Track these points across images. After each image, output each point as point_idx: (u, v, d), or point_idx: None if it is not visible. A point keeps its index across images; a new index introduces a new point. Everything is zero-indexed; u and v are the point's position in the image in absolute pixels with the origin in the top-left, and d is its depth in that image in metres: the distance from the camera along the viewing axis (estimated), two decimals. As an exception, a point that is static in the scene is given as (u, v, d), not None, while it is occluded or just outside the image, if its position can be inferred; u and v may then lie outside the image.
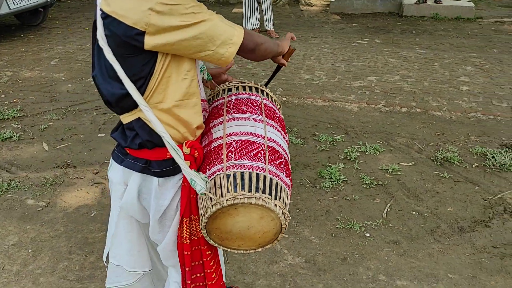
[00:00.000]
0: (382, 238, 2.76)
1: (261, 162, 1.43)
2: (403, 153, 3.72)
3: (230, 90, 1.72)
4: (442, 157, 3.60)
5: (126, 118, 1.43)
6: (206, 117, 1.63)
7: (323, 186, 3.26)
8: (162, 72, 1.33)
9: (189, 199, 1.48)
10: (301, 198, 3.14)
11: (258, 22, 7.03)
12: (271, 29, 6.98)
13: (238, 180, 1.36)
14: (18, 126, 4.17)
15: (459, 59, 5.93)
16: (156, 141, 1.41)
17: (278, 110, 1.74)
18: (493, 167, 3.46)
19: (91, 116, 4.39)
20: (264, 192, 1.36)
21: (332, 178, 3.33)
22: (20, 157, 3.66)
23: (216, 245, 1.49)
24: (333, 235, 2.79)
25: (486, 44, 6.60)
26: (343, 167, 3.48)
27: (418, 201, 3.10)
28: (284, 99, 4.74)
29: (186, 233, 1.50)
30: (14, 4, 6.43)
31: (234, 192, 1.34)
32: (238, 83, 1.75)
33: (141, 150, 1.43)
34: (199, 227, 1.50)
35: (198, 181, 1.37)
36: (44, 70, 5.64)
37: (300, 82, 5.17)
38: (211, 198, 1.36)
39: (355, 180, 3.34)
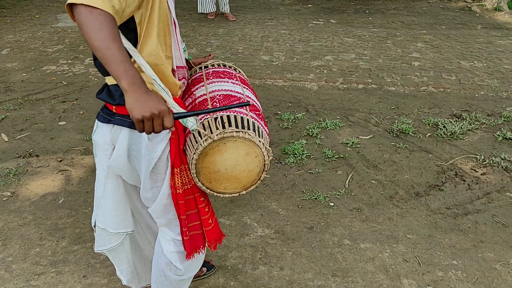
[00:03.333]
0: (345, 207, 2.91)
1: (243, 109, 1.58)
2: (361, 127, 3.88)
3: (206, 67, 1.85)
4: (397, 129, 3.79)
5: (112, 80, 1.46)
6: (186, 86, 1.71)
7: (288, 161, 3.37)
8: (144, 23, 1.37)
9: (178, 150, 1.55)
10: (267, 173, 3.25)
11: (214, 5, 7.02)
12: (228, 12, 7.00)
13: (225, 120, 1.50)
14: (-27, 118, 4.05)
15: (410, 36, 6.18)
16: None
17: (249, 84, 1.87)
18: (444, 136, 3.69)
19: (50, 105, 4.31)
20: (249, 129, 1.50)
21: (296, 154, 3.45)
22: (-21, 149, 3.57)
23: (204, 187, 1.58)
24: (300, 206, 2.92)
25: (435, 21, 6.88)
26: (305, 143, 3.61)
27: (377, 171, 3.27)
28: (244, 80, 4.82)
29: (178, 183, 1.58)
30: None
31: (222, 129, 1.47)
32: (214, 61, 1.89)
33: None
34: (190, 175, 1.58)
35: (190, 118, 1.40)
36: (-5, 60, 5.45)
37: (260, 64, 5.25)
38: (201, 134, 1.47)
39: (317, 155, 3.48)
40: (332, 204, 2.94)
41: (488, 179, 3.15)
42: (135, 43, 1.39)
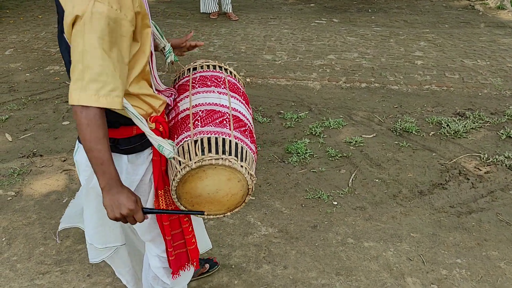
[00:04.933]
0: (349, 205, 2.91)
1: (227, 128, 1.50)
2: (364, 126, 3.88)
3: (195, 69, 1.78)
4: (400, 127, 3.78)
5: None
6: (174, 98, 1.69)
7: (291, 160, 3.37)
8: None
9: (161, 172, 1.54)
10: (270, 173, 3.25)
11: (216, 5, 7.02)
12: (230, 11, 6.99)
13: (206, 144, 1.43)
14: (-23, 118, 4.07)
15: (413, 35, 6.16)
16: (121, 121, 1.45)
17: (241, 86, 1.81)
18: (447, 134, 3.68)
19: (53, 105, 4.32)
20: (230, 155, 1.43)
21: (299, 153, 3.45)
22: (-17, 149, 3.59)
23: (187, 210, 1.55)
24: (303, 205, 2.92)
25: (438, 20, 6.87)
26: (308, 142, 3.61)
27: (380, 170, 3.27)
28: (248, 80, 4.82)
29: (162, 205, 1.57)
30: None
31: (201, 155, 1.41)
32: (203, 62, 1.81)
33: (109, 129, 1.46)
34: None
35: (166, 146, 1.40)
36: (-1, 60, 5.47)
37: (263, 63, 5.25)
38: (180, 162, 1.42)
39: (320, 154, 3.47)
40: (336, 203, 2.94)
41: (492, 178, 3.15)
42: None
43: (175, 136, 1.53)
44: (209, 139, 1.45)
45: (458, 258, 2.48)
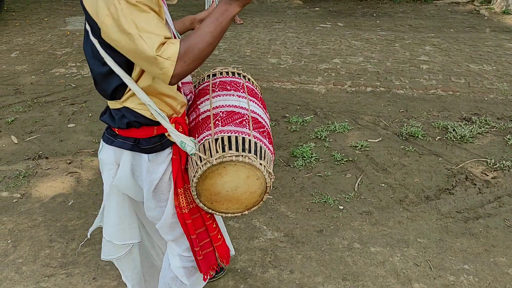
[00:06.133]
0: (355, 210, 2.90)
1: (246, 128, 1.54)
2: (370, 130, 3.87)
3: (214, 75, 1.83)
4: (406, 132, 3.77)
5: (113, 105, 1.49)
6: (193, 98, 1.71)
7: (296, 164, 3.36)
8: None
9: (180, 170, 1.55)
10: (276, 177, 3.24)
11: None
12: (235, 15, 7.00)
13: (226, 142, 1.47)
14: (-17, 120, 4.08)
15: (418, 39, 6.16)
16: (142, 121, 1.47)
17: (259, 92, 1.86)
18: (454, 139, 3.66)
19: (59, 107, 4.33)
20: (250, 152, 1.47)
21: (304, 157, 3.44)
22: (-11, 151, 3.59)
23: (206, 208, 1.57)
24: (309, 209, 2.91)
25: (443, 24, 6.86)
26: (314, 146, 3.60)
27: (386, 174, 3.26)
28: (252, 83, 4.81)
29: (183, 203, 1.58)
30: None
31: (222, 152, 1.44)
32: (222, 69, 1.86)
33: (130, 129, 1.50)
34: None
35: (188, 142, 1.43)
36: (4, 63, 5.49)
37: (268, 67, 5.25)
38: (201, 158, 1.45)
39: (326, 158, 3.46)
40: (342, 207, 2.92)
41: (499, 183, 3.13)
42: (130, 65, 1.38)
43: (196, 135, 1.57)
44: (229, 138, 1.49)
45: (465, 264, 2.46)
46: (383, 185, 3.14)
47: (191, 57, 1.27)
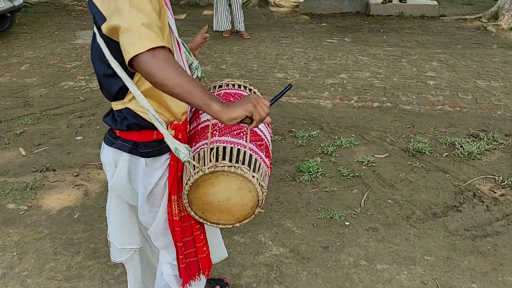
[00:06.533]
0: (361, 226, 2.88)
1: (243, 140, 1.55)
2: (377, 145, 3.86)
3: (220, 86, 1.85)
4: (413, 148, 3.76)
5: (116, 106, 1.52)
6: None
7: (303, 179, 3.36)
8: None
9: (176, 177, 1.56)
10: (282, 191, 3.23)
11: (229, 23, 7.10)
12: (242, 30, 7.07)
13: (220, 152, 1.48)
14: (-8, 132, 4.12)
15: (425, 55, 6.17)
16: (142, 124, 1.50)
17: None
18: (461, 155, 3.64)
19: (67, 120, 4.36)
20: (243, 164, 1.47)
21: (310, 172, 3.43)
22: (-3, 163, 3.62)
23: (197, 217, 1.57)
24: (315, 225, 2.89)
25: (450, 40, 6.87)
26: (320, 161, 3.59)
27: (393, 190, 3.24)
28: (259, 97, 4.83)
29: (175, 210, 1.59)
30: (-20, 9, 6.31)
31: (215, 161, 1.45)
32: (228, 81, 1.88)
33: (130, 132, 1.52)
34: None
35: (182, 149, 1.44)
36: (14, 75, 5.55)
37: (274, 81, 5.28)
38: (194, 166, 1.46)
39: (332, 173, 3.45)
40: (348, 223, 2.90)
41: (507, 201, 3.10)
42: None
43: (193, 144, 1.59)
44: (224, 148, 1.50)
45: (473, 283, 2.43)
46: (390, 201, 3.12)
47: (159, 65, 1.18)
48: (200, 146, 1.54)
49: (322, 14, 8.73)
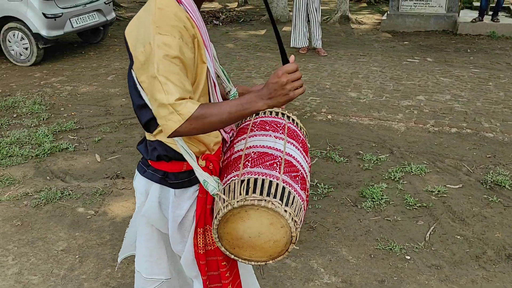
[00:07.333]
0: (423, 262, 2.68)
1: (276, 171, 1.47)
2: (450, 175, 3.60)
3: (257, 114, 1.79)
4: (492, 180, 3.45)
5: (148, 136, 1.55)
6: (235, 135, 1.70)
7: (364, 205, 3.21)
8: None
9: (204, 210, 1.53)
10: (341, 217, 3.11)
11: (307, 40, 7.07)
12: (319, 47, 7.01)
13: (251, 185, 1.41)
14: (74, 137, 4.42)
15: (516, 78, 5.69)
16: (171, 155, 1.50)
17: (302, 134, 1.77)
18: (548, 192, 3.29)
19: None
20: (275, 197, 1.39)
21: (374, 198, 3.28)
22: (74, 167, 3.87)
23: (228, 253, 1.51)
24: (372, 256, 2.74)
25: (547, 63, 6.29)
26: (386, 187, 3.42)
27: (463, 225, 2.99)
28: (329, 117, 4.74)
29: (200, 243, 1.56)
30: (77, 23, 6.86)
31: (245, 195, 1.39)
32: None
33: (160, 162, 1.53)
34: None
35: (211, 182, 1.43)
36: (101, 85, 5.95)
37: (347, 100, 5.15)
38: (223, 200, 1.41)
39: (398, 201, 3.27)
40: (409, 257, 2.72)
41: None
42: None
43: (225, 175, 1.54)
44: (255, 180, 1.43)
45: None
46: (459, 237, 2.88)
47: (200, 124, 1.28)
48: (231, 178, 1.48)
49: (405, 32, 8.42)
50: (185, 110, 1.25)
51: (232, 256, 1.52)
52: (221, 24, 9.47)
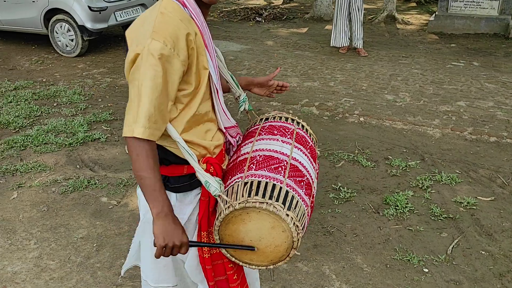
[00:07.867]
0: (442, 276, 2.56)
1: (280, 175, 1.45)
2: (483, 186, 3.42)
3: (267, 119, 1.78)
4: (528, 194, 3.25)
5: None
6: (242, 139, 1.68)
7: (387, 213, 3.11)
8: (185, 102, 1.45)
9: (206, 213, 1.51)
10: (360, 223, 3.03)
11: (347, 39, 6.92)
12: (360, 47, 6.84)
13: (254, 187, 1.40)
14: (107, 128, 4.54)
15: None
16: (171, 159, 1.49)
17: (310, 141, 1.74)
18: None
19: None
20: (277, 201, 1.37)
21: (397, 206, 3.16)
22: (103, 157, 3.98)
23: (229, 255, 1.50)
24: (388, 266, 2.65)
25: None
26: (412, 195, 3.30)
27: (490, 240, 2.83)
28: (361, 119, 4.62)
29: (205, 247, 1.53)
30: (121, 17, 7.04)
31: (247, 197, 1.37)
32: (276, 113, 1.80)
33: (160, 166, 1.50)
34: None
35: (213, 183, 1.42)
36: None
37: (382, 103, 5.00)
38: (225, 201, 1.41)
39: (422, 211, 3.14)
40: (427, 270, 2.61)
41: None
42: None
43: (229, 177, 1.53)
44: (259, 183, 1.42)
45: None
46: (484, 252, 2.73)
47: (137, 156, 1.33)
48: (234, 180, 1.47)
49: (453, 34, 8.07)
50: (137, 136, 1.31)
51: (233, 259, 1.51)
52: (263, 21, 9.45)
